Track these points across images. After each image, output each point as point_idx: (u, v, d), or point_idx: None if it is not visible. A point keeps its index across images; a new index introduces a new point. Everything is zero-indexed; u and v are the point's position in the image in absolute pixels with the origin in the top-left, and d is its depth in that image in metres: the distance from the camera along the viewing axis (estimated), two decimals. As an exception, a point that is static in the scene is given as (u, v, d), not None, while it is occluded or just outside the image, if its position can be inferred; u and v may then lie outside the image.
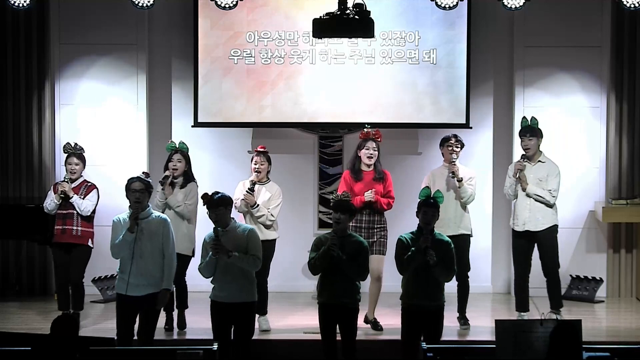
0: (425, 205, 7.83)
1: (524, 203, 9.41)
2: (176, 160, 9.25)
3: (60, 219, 9.43)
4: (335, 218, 7.90)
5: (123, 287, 7.85)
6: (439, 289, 7.84)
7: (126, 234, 7.77)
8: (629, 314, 10.26)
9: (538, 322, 6.67)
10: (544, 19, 10.71)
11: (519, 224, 9.43)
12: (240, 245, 7.77)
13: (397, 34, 10.68)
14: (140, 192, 7.84)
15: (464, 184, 9.30)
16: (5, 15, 10.60)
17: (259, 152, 9.30)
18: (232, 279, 7.76)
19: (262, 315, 9.19)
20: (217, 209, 7.76)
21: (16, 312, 9.98)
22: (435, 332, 7.80)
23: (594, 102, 10.86)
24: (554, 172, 9.46)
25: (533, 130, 9.45)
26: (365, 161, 9.30)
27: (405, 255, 7.75)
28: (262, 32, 10.70)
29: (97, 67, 10.82)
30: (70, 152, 9.52)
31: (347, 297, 7.87)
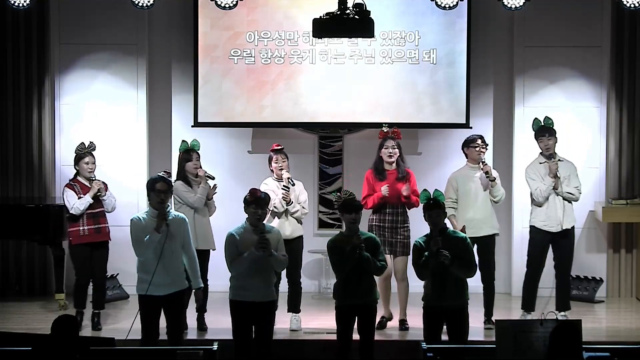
0: (429, 208, 7.81)
1: (555, 203, 9.39)
2: (195, 159, 9.26)
3: (91, 218, 9.34)
4: (350, 219, 7.86)
5: (148, 287, 7.78)
6: (461, 287, 7.80)
7: (153, 234, 7.72)
8: (629, 314, 10.26)
9: (538, 322, 6.67)
10: (544, 19, 10.72)
11: (553, 225, 9.40)
12: (273, 244, 7.81)
13: (397, 34, 10.69)
14: (165, 193, 7.83)
15: (497, 182, 9.30)
16: (5, 15, 10.61)
17: (277, 151, 9.32)
18: (258, 278, 7.77)
19: (296, 314, 9.27)
20: (264, 207, 7.85)
21: (16, 312, 9.98)
22: (460, 331, 7.78)
23: (594, 102, 10.87)
24: (574, 170, 9.51)
25: (550, 130, 9.45)
26: (386, 160, 9.30)
27: (421, 259, 7.74)
28: (262, 32, 10.70)
29: (97, 67, 10.82)
30: (87, 151, 9.48)
31: (367, 295, 7.88)
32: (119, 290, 10.61)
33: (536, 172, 9.48)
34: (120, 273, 10.56)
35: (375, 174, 9.32)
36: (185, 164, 9.26)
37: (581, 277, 10.73)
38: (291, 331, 9.18)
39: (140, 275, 7.85)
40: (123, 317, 9.67)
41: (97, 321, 9.32)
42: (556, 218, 9.40)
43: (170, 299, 7.82)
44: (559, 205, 9.40)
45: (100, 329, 9.28)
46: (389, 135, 9.35)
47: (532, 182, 9.49)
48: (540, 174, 9.45)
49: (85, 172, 9.41)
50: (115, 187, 9.80)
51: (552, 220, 9.42)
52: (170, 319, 7.87)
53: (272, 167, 9.34)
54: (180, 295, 7.90)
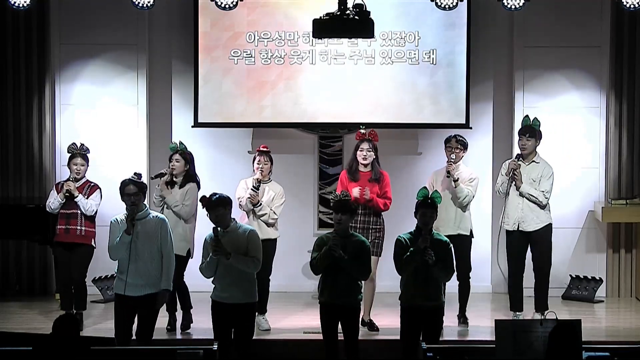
0: (423, 206, 7.83)
1: (515, 202, 9.40)
2: (174, 160, 9.28)
3: (64, 219, 9.43)
4: (336, 219, 7.90)
5: (121, 287, 7.86)
6: (438, 288, 7.85)
7: (123, 236, 7.78)
8: (628, 313, 10.26)
9: (538, 322, 6.69)
10: (544, 19, 10.72)
11: (510, 222, 9.44)
12: (241, 246, 7.77)
13: (397, 34, 10.69)
14: (135, 195, 7.85)
15: (459, 184, 9.30)
16: (5, 15, 10.60)
17: (262, 152, 9.31)
18: (233, 280, 7.76)
19: (262, 315, 9.20)
20: (216, 210, 7.77)
21: (16, 312, 9.98)
22: (435, 331, 7.81)
23: (593, 102, 10.87)
24: (547, 174, 9.45)
25: (532, 130, 9.44)
26: (361, 162, 9.31)
27: (404, 255, 7.76)
28: (262, 32, 10.70)
29: (97, 67, 10.83)
30: (75, 152, 9.51)
31: (348, 296, 7.87)
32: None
33: (505, 168, 9.53)
34: (119, 273, 10.55)
35: (348, 175, 9.33)
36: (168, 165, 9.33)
37: (581, 277, 10.73)
38: (262, 331, 9.12)
39: (117, 275, 7.93)
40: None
41: (79, 320, 9.23)
42: (513, 217, 9.40)
43: (142, 301, 7.83)
44: (517, 205, 9.39)
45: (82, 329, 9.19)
46: (366, 138, 9.35)
47: (499, 176, 9.57)
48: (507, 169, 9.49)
49: (73, 172, 9.49)
50: (115, 188, 9.75)
51: (509, 218, 9.45)
52: (140, 320, 7.89)
53: (254, 167, 9.32)
54: (153, 297, 7.88)
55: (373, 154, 9.31)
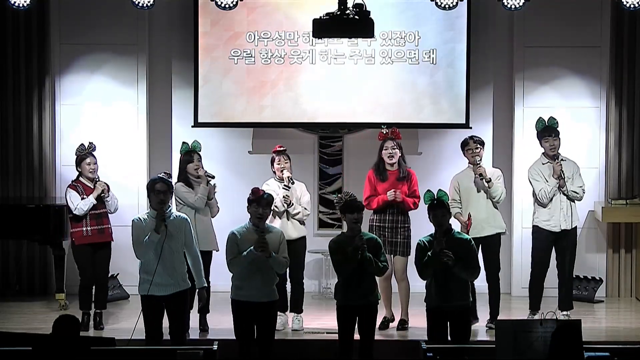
0: (433, 208, 7.81)
1: (558, 202, 9.38)
2: (196, 161, 9.25)
3: (94, 219, 9.35)
4: (353, 219, 7.83)
5: (149, 287, 7.79)
6: (463, 288, 7.79)
7: (152, 235, 7.73)
8: (628, 314, 10.26)
9: (538, 322, 6.68)
10: (544, 19, 10.72)
11: (556, 224, 9.40)
12: (274, 245, 7.81)
13: (397, 34, 10.69)
14: (164, 193, 7.84)
15: (493, 183, 9.29)
16: (5, 15, 10.60)
17: (279, 152, 9.33)
18: (259, 278, 7.77)
19: (298, 314, 9.27)
20: (266, 207, 7.85)
21: (16, 312, 9.98)
22: (463, 332, 7.77)
23: (593, 102, 10.87)
24: (577, 170, 9.52)
25: (555, 130, 9.45)
26: (387, 161, 9.29)
27: (424, 259, 7.73)
28: (262, 32, 10.70)
29: (97, 67, 10.82)
30: (86, 152, 9.48)
31: (369, 295, 7.87)
32: (119, 290, 10.61)
33: (540, 173, 9.48)
34: (121, 273, 10.55)
35: (376, 175, 9.32)
36: (187, 165, 9.26)
37: (581, 277, 10.73)
38: (293, 331, 9.17)
39: (142, 275, 7.85)
40: (123, 317, 9.68)
41: (100, 321, 9.35)
42: (559, 217, 9.40)
43: (172, 299, 7.82)
44: (563, 205, 9.40)
45: (103, 328, 9.29)
46: (389, 137, 9.35)
47: (535, 183, 9.48)
48: (544, 174, 9.45)
49: (88, 172, 9.41)
50: (115, 188, 9.80)
51: (555, 220, 9.42)
52: (172, 319, 7.87)
53: (274, 169, 9.35)
54: (182, 295, 7.89)
55: (398, 151, 9.30)
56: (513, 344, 6.64)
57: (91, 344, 6.68)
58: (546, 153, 9.50)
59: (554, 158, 9.44)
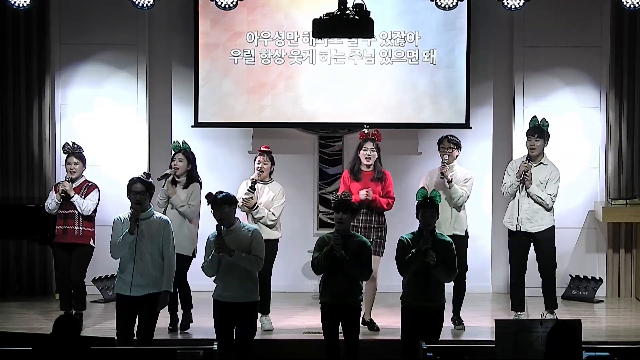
0: (423, 206, 7.83)
1: (521, 203, 9.39)
2: (177, 160, 9.27)
3: (62, 219, 9.42)
4: (337, 218, 7.89)
5: (122, 287, 7.87)
6: (440, 289, 7.85)
7: (126, 235, 7.77)
8: (628, 313, 10.27)
9: (538, 322, 6.68)
10: (544, 19, 10.72)
11: (514, 223, 9.42)
12: (244, 245, 7.77)
13: (397, 34, 10.69)
14: (141, 194, 7.84)
15: (453, 184, 9.25)
16: (5, 15, 10.60)
17: (262, 152, 9.30)
18: (235, 279, 7.76)
19: (265, 315, 9.20)
20: (221, 208, 7.78)
21: (16, 312, 9.98)
22: (435, 331, 7.81)
23: (593, 102, 10.87)
24: (555, 177, 9.44)
25: (541, 131, 9.42)
26: (363, 162, 9.30)
27: (405, 256, 7.75)
28: (262, 32, 10.70)
29: (97, 67, 10.83)
30: (68, 151, 9.52)
31: (349, 296, 7.87)
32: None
33: (513, 168, 9.51)
34: (120, 273, 10.55)
35: (350, 174, 9.32)
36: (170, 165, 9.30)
37: (581, 277, 10.73)
38: (264, 331, 9.13)
39: (118, 275, 7.93)
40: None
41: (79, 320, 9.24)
42: (517, 217, 9.38)
43: (144, 301, 7.83)
44: (527, 207, 9.37)
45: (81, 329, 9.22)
46: (369, 137, 9.34)
47: (506, 176, 9.55)
48: (515, 170, 9.46)
49: (67, 172, 9.47)
50: (115, 188, 9.80)
51: (512, 219, 9.44)
52: (141, 319, 7.89)
53: (254, 167, 9.32)
54: (154, 297, 7.87)
55: (376, 153, 9.31)
56: (513, 344, 6.64)
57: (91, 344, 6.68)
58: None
59: (533, 159, 9.41)
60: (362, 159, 9.30)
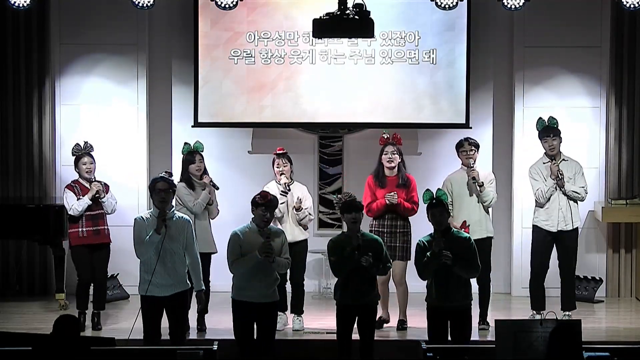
0: (432, 207, 7.81)
1: (557, 202, 9.37)
2: (198, 161, 9.25)
3: (90, 220, 9.32)
4: (351, 218, 7.85)
5: (150, 288, 7.77)
6: (464, 288, 7.80)
7: (153, 234, 7.70)
8: (628, 314, 10.27)
9: (538, 322, 6.69)
10: (544, 19, 10.72)
11: (554, 224, 9.39)
12: (277, 247, 7.82)
13: (397, 34, 10.69)
14: (166, 192, 7.80)
15: (485, 187, 9.26)
16: (5, 15, 10.60)
17: (280, 155, 9.31)
18: (260, 280, 7.77)
19: (299, 315, 9.25)
20: (272, 210, 7.86)
21: (16, 312, 9.97)
22: (462, 332, 7.77)
23: (593, 102, 10.87)
24: (579, 170, 9.49)
25: (555, 130, 9.44)
26: (386, 165, 9.28)
27: (423, 259, 7.73)
28: (262, 32, 10.70)
29: (97, 67, 10.83)
30: (83, 152, 9.47)
31: (366, 295, 7.88)
32: (119, 290, 10.61)
33: (539, 173, 9.47)
34: (121, 273, 10.55)
35: (375, 180, 9.31)
36: (189, 166, 9.26)
37: (581, 277, 10.73)
38: (294, 331, 9.17)
39: (142, 275, 7.83)
40: (123, 317, 9.68)
41: (97, 321, 9.33)
42: (557, 217, 9.39)
43: (172, 300, 7.81)
44: (563, 205, 9.38)
45: (100, 328, 9.29)
46: (390, 141, 9.34)
47: (534, 182, 9.49)
48: (543, 174, 9.44)
49: (84, 172, 9.40)
50: (115, 187, 9.81)
51: (552, 220, 9.41)
52: (172, 320, 7.86)
53: (275, 171, 9.34)
54: (182, 296, 7.88)
55: (398, 156, 9.29)
56: (513, 344, 6.64)
57: (91, 344, 6.68)
58: (547, 153, 9.49)
59: (554, 158, 9.44)
60: (384, 163, 9.29)
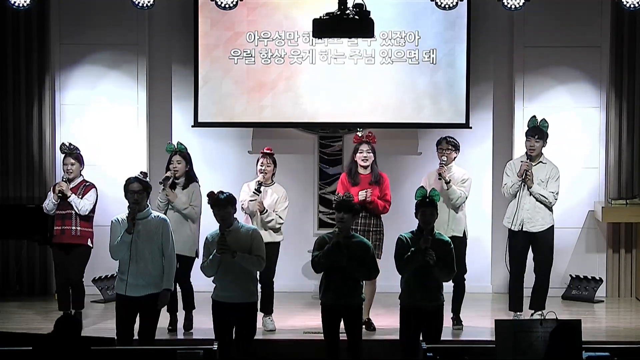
0: (423, 205, 7.83)
1: (523, 202, 9.38)
2: (176, 162, 9.23)
3: (59, 219, 9.43)
4: (338, 217, 7.87)
5: (122, 287, 7.85)
6: (438, 288, 7.86)
7: (124, 235, 7.76)
8: (628, 313, 10.27)
9: (538, 322, 6.68)
10: (544, 19, 10.72)
11: (516, 223, 9.41)
12: (244, 245, 7.77)
13: (397, 34, 10.69)
14: (139, 193, 7.83)
15: (451, 186, 9.24)
16: (5, 15, 10.61)
17: (265, 154, 9.30)
18: (234, 279, 7.76)
19: (268, 315, 9.20)
20: (224, 208, 7.76)
21: (16, 312, 9.98)
22: (435, 331, 7.81)
23: (593, 102, 10.87)
24: (555, 175, 9.44)
25: (541, 132, 9.41)
26: (360, 164, 9.32)
27: (404, 254, 7.75)
28: (262, 32, 10.70)
29: (97, 67, 10.83)
30: (65, 152, 9.51)
31: (351, 296, 7.87)
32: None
33: (512, 169, 9.51)
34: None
35: (348, 178, 9.34)
36: (167, 167, 9.28)
37: (581, 277, 10.73)
38: (267, 331, 9.13)
39: (117, 274, 7.92)
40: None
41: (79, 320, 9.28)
42: (519, 217, 9.38)
43: (145, 301, 7.83)
44: (528, 206, 9.36)
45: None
46: (364, 140, 9.35)
47: (505, 177, 9.54)
48: (515, 170, 9.45)
49: (64, 172, 9.47)
50: (114, 187, 9.79)
51: (513, 219, 9.41)
52: (142, 320, 7.88)
53: (257, 169, 9.32)
54: (155, 298, 7.87)
55: (372, 155, 9.32)
56: (513, 344, 6.65)
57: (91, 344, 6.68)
58: (526, 152, 9.48)
59: (533, 159, 9.42)
60: (358, 162, 9.32)
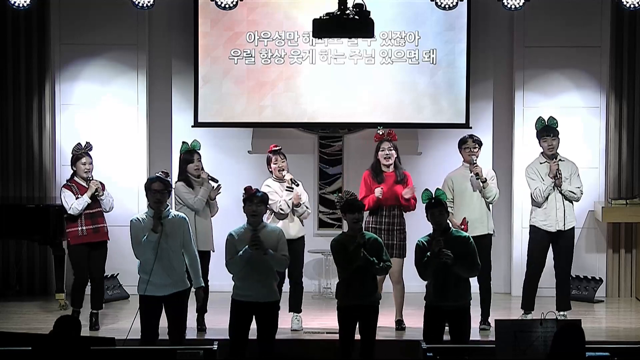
0: (431, 207, 7.81)
1: (555, 202, 9.38)
2: (196, 160, 9.24)
3: (89, 219, 9.31)
4: (353, 219, 7.84)
5: (148, 288, 7.79)
6: (463, 288, 7.79)
7: (150, 234, 7.71)
8: (628, 314, 10.27)
9: (538, 322, 6.69)
10: (544, 19, 10.72)
11: (552, 224, 9.39)
12: (272, 243, 7.81)
13: (397, 34, 10.69)
14: (161, 193, 7.82)
15: (488, 183, 9.27)
16: (5, 15, 10.61)
17: (275, 151, 9.32)
18: (259, 278, 7.77)
19: (297, 314, 9.26)
20: (260, 205, 7.83)
21: (16, 312, 9.98)
22: (461, 332, 7.77)
23: (593, 102, 10.87)
24: (575, 170, 9.51)
25: (555, 130, 9.45)
26: (383, 162, 9.31)
27: (423, 259, 7.72)
28: (262, 32, 10.70)
29: (97, 67, 10.83)
30: (82, 152, 9.47)
31: (369, 295, 7.88)
32: (119, 290, 10.62)
33: (536, 172, 9.49)
34: (120, 273, 10.56)
35: (372, 176, 9.33)
36: (187, 165, 9.25)
37: (581, 277, 10.73)
38: (292, 331, 9.18)
39: (140, 275, 7.85)
40: (123, 317, 9.68)
41: (95, 321, 9.32)
42: (555, 217, 9.40)
43: (170, 300, 7.81)
44: (559, 205, 9.40)
45: (98, 329, 9.27)
46: (385, 138, 9.35)
47: (531, 182, 9.50)
48: (540, 174, 9.46)
49: (82, 172, 9.40)
50: (115, 187, 9.81)
51: (551, 220, 9.42)
52: (171, 319, 7.86)
53: (272, 168, 9.34)
54: (181, 295, 7.88)
55: (394, 153, 9.32)
56: (513, 344, 6.64)
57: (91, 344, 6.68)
58: (544, 152, 9.50)
59: (552, 158, 9.45)
60: (381, 160, 9.31)
